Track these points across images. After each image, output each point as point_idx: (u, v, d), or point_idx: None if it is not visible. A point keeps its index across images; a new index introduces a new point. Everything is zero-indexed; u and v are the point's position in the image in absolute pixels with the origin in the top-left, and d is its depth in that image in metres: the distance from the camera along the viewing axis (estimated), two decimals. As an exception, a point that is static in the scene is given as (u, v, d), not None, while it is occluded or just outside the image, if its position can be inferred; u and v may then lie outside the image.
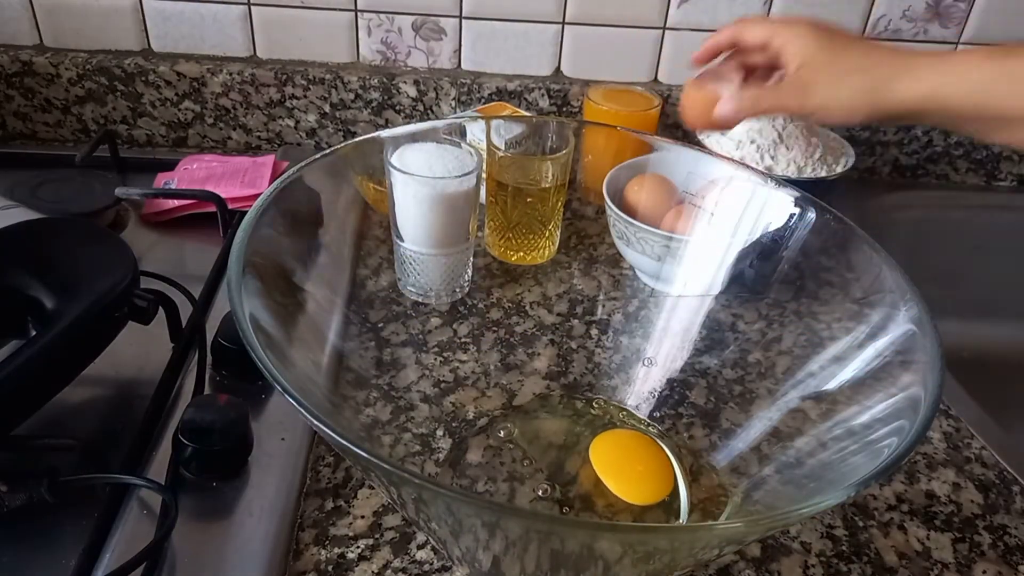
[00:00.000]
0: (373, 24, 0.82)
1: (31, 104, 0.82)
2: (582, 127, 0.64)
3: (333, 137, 0.86)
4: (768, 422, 0.46)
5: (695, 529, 0.36)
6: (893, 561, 0.45)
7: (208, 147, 0.86)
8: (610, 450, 0.47)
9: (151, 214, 0.70)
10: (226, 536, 0.41)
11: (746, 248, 0.50)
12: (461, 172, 0.52)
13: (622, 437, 0.49)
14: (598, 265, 0.63)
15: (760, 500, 0.43)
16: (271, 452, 0.46)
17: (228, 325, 0.52)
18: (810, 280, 0.47)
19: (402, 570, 0.41)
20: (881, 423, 0.35)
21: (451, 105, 0.84)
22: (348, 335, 0.48)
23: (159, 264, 0.59)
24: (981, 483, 0.50)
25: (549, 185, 0.60)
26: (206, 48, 0.83)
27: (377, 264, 0.55)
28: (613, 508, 0.44)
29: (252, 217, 0.38)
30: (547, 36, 0.83)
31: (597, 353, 0.56)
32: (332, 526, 0.43)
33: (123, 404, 0.50)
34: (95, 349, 0.47)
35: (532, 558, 0.33)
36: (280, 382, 0.29)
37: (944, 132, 0.86)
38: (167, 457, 0.44)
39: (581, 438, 0.49)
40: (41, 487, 0.40)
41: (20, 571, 0.40)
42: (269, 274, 0.38)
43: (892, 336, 0.38)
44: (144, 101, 0.83)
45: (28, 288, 0.46)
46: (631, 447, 0.48)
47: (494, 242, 0.64)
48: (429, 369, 0.52)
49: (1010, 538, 0.47)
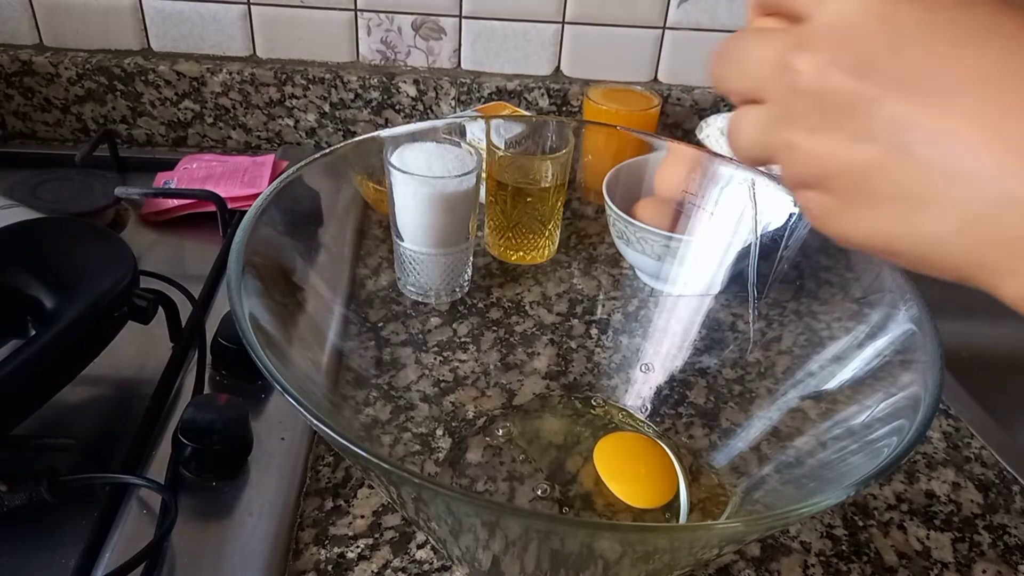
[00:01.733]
0: (373, 23, 0.82)
1: (31, 104, 0.82)
2: (582, 127, 0.64)
3: (333, 137, 0.86)
4: (768, 422, 0.46)
5: (695, 529, 0.36)
6: (893, 561, 0.45)
7: (208, 147, 0.86)
8: (614, 453, 0.47)
9: (151, 214, 0.70)
10: (226, 536, 0.41)
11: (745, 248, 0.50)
12: (461, 172, 0.52)
13: (626, 440, 0.49)
14: (598, 265, 0.63)
15: (760, 500, 0.43)
16: (271, 452, 0.46)
17: (228, 325, 0.52)
18: (810, 280, 0.47)
19: (402, 570, 0.41)
20: (881, 423, 0.35)
21: (451, 105, 0.84)
22: (348, 335, 0.48)
23: (159, 264, 0.59)
24: (981, 483, 0.50)
25: (549, 185, 0.60)
26: (206, 48, 0.83)
27: (377, 264, 0.55)
28: (613, 508, 0.44)
29: (252, 217, 0.38)
30: (547, 36, 0.83)
31: (597, 353, 0.56)
32: (332, 526, 0.43)
33: (123, 404, 0.50)
34: (95, 349, 0.47)
35: (532, 558, 0.33)
36: (280, 382, 0.29)
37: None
38: (167, 457, 0.44)
39: (581, 438, 0.49)
40: (41, 487, 0.40)
41: (20, 571, 0.40)
42: (269, 274, 0.38)
43: (892, 336, 0.38)
44: (144, 100, 0.83)
45: (28, 288, 0.46)
46: (635, 450, 0.48)
47: (494, 242, 0.64)
48: (429, 369, 0.52)
49: (1010, 538, 0.47)
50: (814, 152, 0.24)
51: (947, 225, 0.22)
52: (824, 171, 0.24)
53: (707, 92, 0.84)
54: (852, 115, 0.23)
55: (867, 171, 0.23)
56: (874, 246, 0.25)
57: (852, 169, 0.23)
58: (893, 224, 0.23)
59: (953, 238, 0.22)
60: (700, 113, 0.85)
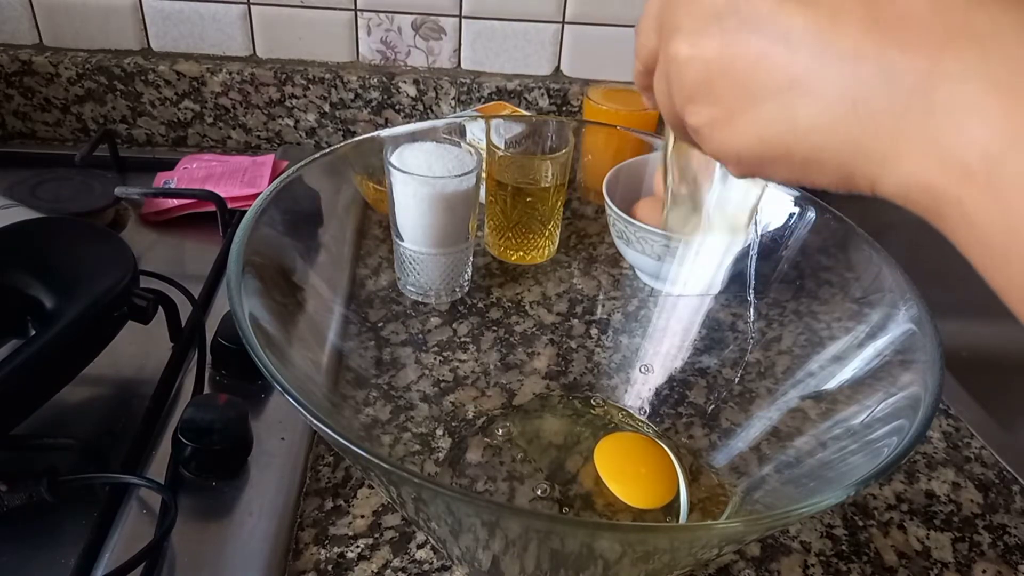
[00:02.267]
0: (373, 23, 0.82)
1: (30, 103, 0.82)
2: (582, 127, 0.64)
3: (333, 136, 0.86)
4: (768, 422, 0.46)
5: (695, 529, 0.36)
6: (893, 561, 0.45)
7: (208, 146, 0.86)
8: (615, 453, 0.47)
9: (151, 213, 0.70)
10: (226, 536, 0.41)
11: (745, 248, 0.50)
12: (461, 172, 0.52)
13: (626, 440, 0.49)
14: (598, 265, 0.63)
15: (760, 500, 0.43)
16: (271, 452, 0.46)
17: (228, 324, 0.52)
18: (810, 279, 0.47)
19: (402, 569, 0.41)
20: (881, 422, 0.35)
21: (451, 104, 0.84)
22: (348, 334, 0.48)
23: (159, 263, 0.59)
24: (981, 483, 0.50)
25: (549, 185, 0.60)
26: (206, 47, 0.83)
27: (377, 263, 0.55)
28: (613, 508, 0.44)
29: (251, 216, 0.38)
30: (547, 35, 0.83)
31: (597, 353, 0.56)
32: (332, 525, 0.43)
33: (123, 404, 0.50)
34: (95, 349, 0.47)
35: (532, 558, 0.33)
36: (279, 381, 0.29)
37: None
38: (167, 457, 0.44)
39: (581, 438, 0.49)
40: (41, 486, 0.40)
41: (20, 570, 0.40)
42: (269, 273, 0.38)
43: (892, 336, 0.38)
44: (144, 100, 0.83)
45: (27, 288, 0.46)
46: (635, 450, 0.48)
47: (494, 242, 0.64)
48: (429, 369, 0.52)
49: (1010, 538, 0.47)
50: (700, 55, 0.25)
51: (827, 111, 0.22)
52: (711, 74, 0.25)
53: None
54: (734, 13, 0.24)
55: (751, 65, 0.24)
56: (763, 154, 0.25)
57: (736, 64, 0.24)
58: (777, 121, 0.24)
59: (834, 126, 0.22)
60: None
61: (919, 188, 0.22)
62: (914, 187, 0.22)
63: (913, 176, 0.21)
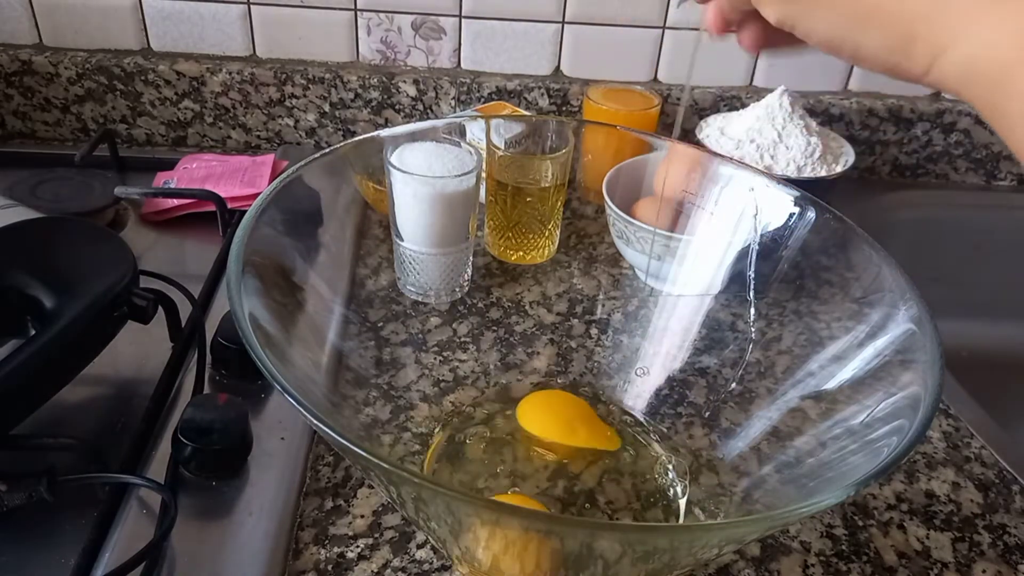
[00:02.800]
0: (373, 23, 0.82)
1: (30, 103, 0.82)
2: (582, 126, 0.64)
3: (333, 136, 0.86)
4: (768, 422, 0.46)
5: (695, 528, 0.36)
6: (893, 560, 0.45)
7: (207, 146, 0.86)
8: (538, 410, 0.50)
9: (150, 213, 0.70)
10: (225, 535, 0.41)
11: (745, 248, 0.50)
12: (461, 171, 0.52)
13: (542, 397, 0.52)
14: (598, 264, 0.63)
15: (760, 500, 0.43)
16: (271, 451, 0.46)
17: (228, 324, 0.52)
18: (810, 279, 0.47)
19: (402, 569, 0.41)
20: (881, 422, 0.35)
21: (451, 104, 0.84)
22: (348, 334, 0.48)
23: (158, 263, 0.59)
24: (980, 482, 0.50)
25: (549, 184, 0.60)
26: (205, 47, 0.83)
27: (377, 263, 0.55)
28: (613, 507, 0.44)
29: (251, 216, 0.38)
30: (547, 35, 0.83)
31: (597, 352, 0.56)
32: (332, 525, 0.43)
33: (123, 403, 0.50)
34: (95, 348, 0.47)
35: (532, 557, 0.33)
36: (279, 381, 0.29)
37: (944, 130, 0.86)
38: (166, 456, 0.44)
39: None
40: (40, 486, 0.40)
41: (20, 570, 0.40)
42: (268, 273, 0.38)
43: (892, 335, 0.38)
44: (143, 100, 0.83)
45: (27, 287, 0.46)
46: (558, 404, 0.51)
47: (494, 241, 0.64)
48: (429, 368, 0.52)
49: (1009, 537, 0.47)
50: None
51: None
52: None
53: (707, 92, 0.84)
54: None
55: None
56: (839, 23, 0.27)
57: None
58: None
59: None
60: (700, 113, 0.85)
61: (987, 60, 0.23)
62: (983, 59, 0.23)
63: (984, 48, 0.23)
